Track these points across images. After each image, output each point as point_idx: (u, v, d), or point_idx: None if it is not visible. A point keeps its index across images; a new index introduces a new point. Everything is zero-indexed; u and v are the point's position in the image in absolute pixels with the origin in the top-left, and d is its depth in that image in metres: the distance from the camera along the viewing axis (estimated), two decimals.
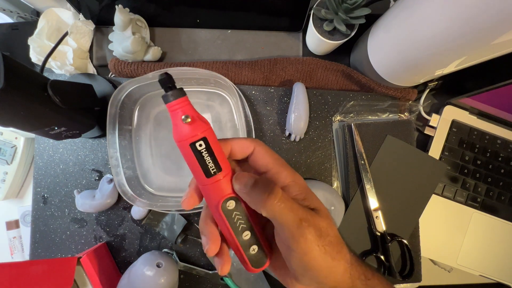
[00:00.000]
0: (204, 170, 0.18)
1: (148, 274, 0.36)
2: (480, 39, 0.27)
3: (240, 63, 0.46)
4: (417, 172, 0.43)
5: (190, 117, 0.17)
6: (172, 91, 0.18)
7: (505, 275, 0.45)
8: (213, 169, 0.18)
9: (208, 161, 0.18)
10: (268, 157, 0.21)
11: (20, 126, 0.31)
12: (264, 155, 0.21)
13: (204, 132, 0.18)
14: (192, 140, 0.17)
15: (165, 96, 0.18)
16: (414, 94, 0.45)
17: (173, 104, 0.18)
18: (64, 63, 0.43)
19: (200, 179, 0.19)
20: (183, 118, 0.17)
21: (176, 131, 0.18)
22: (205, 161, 0.18)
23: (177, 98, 0.18)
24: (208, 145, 0.18)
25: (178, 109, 0.18)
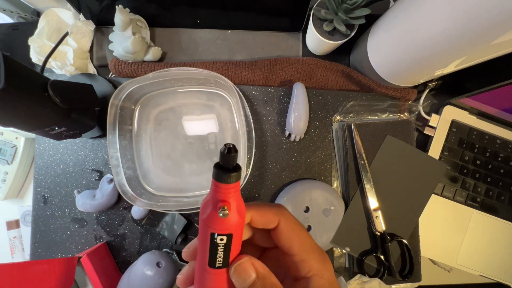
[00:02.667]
0: (210, 260, 0.16)
1: (148, 274, 0.36)
2: (480, 39, 0.27)
3: (240, 63, 0.46)
4: (417, 172, 0.43)
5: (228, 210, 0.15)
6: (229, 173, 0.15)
7: (505, 275, 0.45)
8: (219, 264, 0.17)
9: (219, 255, 0.16)
10: (293, 239, 0.18)
11: (21, 126, 0.31)
12: (290, 235, 0.18)
13: (233, 229, 0.16)
14: (217, 232, 0.16)
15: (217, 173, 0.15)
16: (414, 94, 0.45)
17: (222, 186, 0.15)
18: (64, 63, 0.43)
19: (202, 262, 0.17)
20: (221, 209, 0.15)
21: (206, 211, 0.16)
22: (216, 254, 0.16)
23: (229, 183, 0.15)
24: (229, 242, 0.16)
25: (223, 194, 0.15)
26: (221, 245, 0.16)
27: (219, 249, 0.16)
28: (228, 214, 0.15)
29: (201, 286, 0.17)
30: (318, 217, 0.41)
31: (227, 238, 0.16)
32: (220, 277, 0.17)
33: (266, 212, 0.18)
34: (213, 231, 0.16)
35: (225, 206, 0.15)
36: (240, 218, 0.16)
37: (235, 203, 0.16)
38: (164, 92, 0.44)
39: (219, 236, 0.16)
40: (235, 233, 0.16)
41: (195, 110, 0.44)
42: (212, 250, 0.16)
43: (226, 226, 0.16)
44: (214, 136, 0.44)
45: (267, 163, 0.45)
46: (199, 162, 0.44)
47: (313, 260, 0.18)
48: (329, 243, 0.42)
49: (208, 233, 0.16)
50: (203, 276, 0.17)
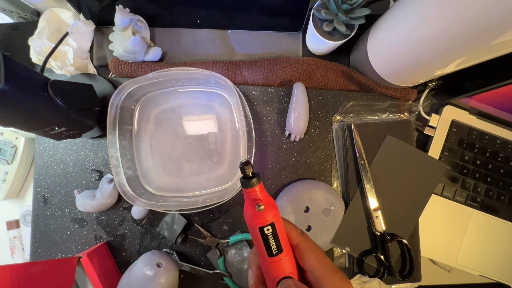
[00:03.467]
0: (268, 251, 0.20)
1: (148, 274, 0.36)
2: (480, 39, 0.27)
3: (240, 63, 0.46)
4: (417, 172, 0.43)
5: (263, 205, 0.20)
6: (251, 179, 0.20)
7: (504, 275, 0.45)
8: (275, 250, 0.20)
9: (272, 244, 0.20)
10: (312, 258, 0.20)
11: (21, 126, 0.31)
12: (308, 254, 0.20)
13: (272, 218, 0.20)
14: (262, 225, 0.20)
15: (244, 182, 0.20)
16: (414, 94, 0.45)
17: (250, 190, 0.20)
18: (64, 63, 0.43)
19: (263, 257, 0.21)
20: (257, 206, 0.20)
21: (248, 213, 0.21)
22: (269, 243, 0.20)
23: (254, 186, 0.20)
24: (274, 230, 0.20)
25: (253, 195, 0.20)
26: (269, 235, 0.20)
27: (270, 238, 0.20)
28: (263, 208, 0.20)
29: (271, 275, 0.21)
30: (318, 217, 0.41)
31: (271, 227, 0.20)
32: (281, 262, 0.20)
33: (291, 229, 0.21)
34: (259, 225, 0.20)
35: (259, 203, 0.20)
36: (274, 208, 0.20)
37: (265, 200, 0.20)
38: (164, 92, 0.44)
39: (265, 227, 0.20)
40: (276, 222, 0.20)
41: (195, 110, 0.44)
42: (265, 242, 0.20)
43: (266, 217, 0.20)
44: (214, 136, 0.44)
45: (267, 163, 0.45)
46: (199, 162, 0.44)
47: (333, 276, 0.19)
48: (329, 243, 0.42)
49: (257, 229, 0.20)
50: (268, 268, 0.21)
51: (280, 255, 0.20)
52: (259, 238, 0.20)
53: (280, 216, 0.21)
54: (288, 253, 0.21)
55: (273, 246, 0.20)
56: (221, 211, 0.44)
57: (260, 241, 0.20)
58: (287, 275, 0.20)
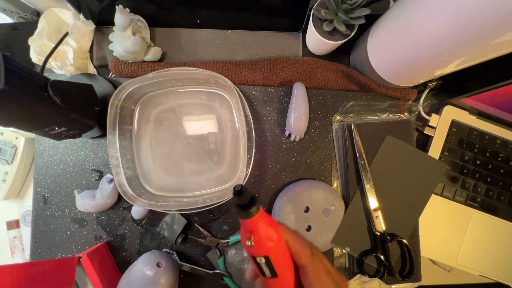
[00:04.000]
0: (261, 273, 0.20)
1: (148, 274, 0.36)
2: (480, 39, 0.27)
3: (240, 63, 0.46)
4: (417, 172, 0.43)
5: (253, 240, 0.18)
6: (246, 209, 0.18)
7: (505, 275, 0.45)
8: (269, 276, 0.19)
9: (265, 270, 0.19)
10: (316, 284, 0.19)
11: (21, 126, 0.31)
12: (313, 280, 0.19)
13: (266, 252, 0.19)
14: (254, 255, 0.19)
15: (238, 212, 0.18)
16: (414, 94, 0.45)
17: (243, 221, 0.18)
18: (64, 63, 0.43)
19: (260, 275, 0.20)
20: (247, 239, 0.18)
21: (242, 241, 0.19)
22: (262, 269, 0.19)
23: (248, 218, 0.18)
24: (268, 261, 0.19)
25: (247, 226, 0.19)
26: (262, 264, 0.19)
27: (263, 267, 0.19)
28: (253, 244, 0.18)
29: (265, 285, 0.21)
30: (318, 217, 0.41)
31: (265, 258, 0.19)
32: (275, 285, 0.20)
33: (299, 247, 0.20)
34: (252, 254, 0.19)
35: (250, 237, 0.18)
36: (270, 242, 0.18)
37: (261, 233, 0.18)
38: (164, 92, 0.44)
39: (258, 257, 0.19)
40: (272, 255, 0.19)
41: (195, 110, 0.44)
42: (259, 267, 0.19)
43: (259, 251, 0.18)
44: (214, 136, 0.44)
45: (267, 163, 0.45)
46: (199, 162, 0.44)
47: None
48: (329, 243, 0.42)
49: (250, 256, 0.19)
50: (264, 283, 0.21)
51: (275, 279, 0.19)
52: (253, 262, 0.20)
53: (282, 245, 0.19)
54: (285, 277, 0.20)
55: (266, 272, 0.19)
56: (221, 211, 0.44)
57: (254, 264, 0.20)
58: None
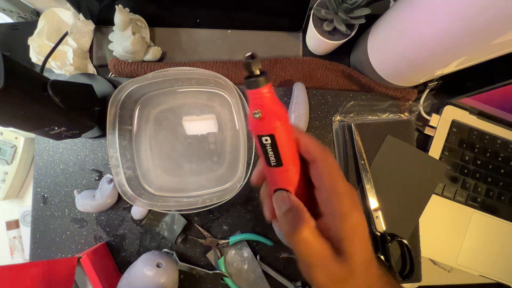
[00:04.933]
0: (266, 160, 0.19)
1: (148, 274, 0.36)
2: (480, 39, 0.27)
3: (240, 63, 0.46)
4: (417, 172, 0.43)
5: (261, 113, 0.17)
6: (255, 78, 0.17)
7: (505, 275, 0.45)
8: (274, 162, 0.18)
9: (270, 155, 0.18)
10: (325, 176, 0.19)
11: (20, 126, 0.31)
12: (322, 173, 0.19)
13: (273, 129, 0.17)
14: (259, 134, 0.18)
15: (247, 82, 0.17)
16: (414, 94, 0.45)
17: (252, 92, 0.17)
18: (64, 63, 0.43)
19: (264, 164, 0.20)
20: (254, 112, 0.17)
21: (248, 118, 0.18)
22: (268, 154, 0.18)
23: (257, 87, 0.17)
24: (274, 142, 0.18)
25: (254, 99, 0.17)
26: (268, 146, 0.18)
27: (268, 150, 0.18)
28: (260, 115, 0.17)
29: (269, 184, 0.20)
30: None
31: (270, 138, 0.18)
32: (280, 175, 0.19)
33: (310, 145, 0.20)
34: (257, 133, 0.18)
35: (258, 109, 0.17)
36: (277, 119, 0.17)
37: (268, 106, 0.17)
38: (164, 92, 0.44)
39: (263, 137, 0.18)
40: (277, 134, 0.18)
41: (195, 110, 0.44)
42: (263, 151, 0.18)
43: (265, 127, 0.17)
44: (214, 136, 0.44)
45: None
46: (199, 162, 0.44)
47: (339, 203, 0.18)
48: None
49: (256, 136, 0.18)
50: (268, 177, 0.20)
51: (280, 168, 0.19)
52: (258, 145, 0.18)
53: (287, 127, 0.18)
54: (291, 168, 0.19)
55: (271, 157, 0.18)
56: (221, 211, 0.44)
57: (259, 149, 0.19)
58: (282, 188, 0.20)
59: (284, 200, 0.19)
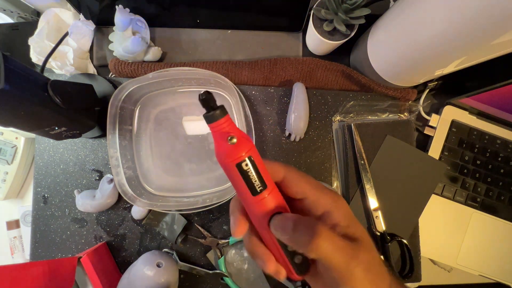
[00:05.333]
0: (251, 189, 0.18)
1: (148, 274, 0.36)
2: (480, 39, 0.27)
3: (240, 63, 0.46)
4: (417, 172, 0.43)
5: (236, 137, 0.17)
6: (214, 111, 0.17)
7: (505, 275, 0.45)
8: (259, 187, 0.18)
9: (254, 180, 0.18)
10: (302, 183, 0.19)
11: (21, 126, 0.31)
12: (298, 181, 0.19)
13: (249, 152, 0.18)
14: (238, 161, 0.17)
15: (207, 116, 0.17)
16: (414, 94, 0.45)
17: (217, 124, 0.17)
18: (64, 63, 0.43)
19: (246, 198, 0.18)
20: (229, 139, 0.17)
21: (220, 151, 0.18)
22: (251, 180, 0.18)
23: (220, 118, 0.17)
24: (253, 164, 0.18)
25: (221, 129, 0.17)
26: (249, 170, 0.18)
27: (251, 174, 0.18)
28: (236, 140, 0.17)
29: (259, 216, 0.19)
30: None
31: (249, 160, 0.17)
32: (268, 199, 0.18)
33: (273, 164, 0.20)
34: (236, 162, 0.17)
35: (231, 135, 0.17)
36: (248, 141, 0.18)
37: (236, 132, 0.18)
38: (164, 92, 0.44)
39: (243, 163, 0.17)
40: (253, 154, 0.18)
41: (195, 110, 0.44)
42: (246, 179, 0.18)
43: (241, 151, 0.17)
44: None
45: None
46: (199, 162, 0.44)
47: (326, 195, 0.19)
48: None
49: (234, 167, 0.17)
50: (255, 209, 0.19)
51: (265, 191, 0.18)
52: (239, 177, 0.18)
53: (255, 149, 0.18)
54: (273, 189, 0.19)
55: (255, 182, 0.18)
56: (221, 211, 0.44)
57: (240, 181, 0.18)
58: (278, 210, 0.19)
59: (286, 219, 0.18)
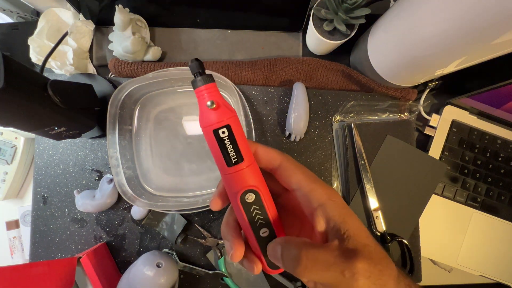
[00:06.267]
0: (226, 159, 0.18)
1: (148, 274, 0.36)
2: (480, 39, 0.27)
3: (240, 63, 0.46)
4: (417, 172, 0.43)
5: (215, 103, 0.17)
6: (201, 76, 0.18)
7: (505, 275, 0.45)
8: (234, 158, 0.18)
9: (229, 149, 0.18)
10: (298, 173, 0.19)
11: (20, 126, 0.31)
12: (294, 171, 0.19)
13: (228, 120, 0.18)
14: (216, 127, 0.17)
15: (194, 81, 0.18)
16: (414, 94, 0.45)
17: (200, 89, 0.18)
18: (64, 63, 0.43)
19: (221, 168, 0.18)
20: (209, 104, 0.17)
21: (201, 116, 0.18)
22: (227, 149, 0.18)
23: (205, 84, 0.18)
24: (231, 133, 0.18)
25: (204, 94, 0.18)
26: (225, 139, 0.18)
27: (227, 143, 0.18)
28: (215, 104, 0.17)
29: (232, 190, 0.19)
30: None
31: (227, 129, 0.18)
32: (242, 172, 0.18)
33: (269, 150, 0.20)
34: (213, 127, 0.17)
35: (210, 100, 0.17)
36: (230, 110, 0.18)
37: (218, 99, 0.18)
38: (164, 92, 0.44)
39: (220, 129, 0.17)
40: (232, 124, 0.18)
41: (195, 110, 0.44)
42: (222, 147, 0.18)
43: (220, 117, 0.17)
44: None
45: None
46: (199, 162, 0.44)
47: (321, 188, 0.18)
48: None
49: (211, 133, 0.18)
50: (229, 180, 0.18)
51: (241, 164, 0.18)
52: (215, 143, 0.18)
53: (238, 121, 0.18)
54: (251, 164, 0.18)
55: (231, 152, 0.18)
56: (221, 211, 0.44)
57: (216, 149, 0.18)
58: (250, 187, 0.18)
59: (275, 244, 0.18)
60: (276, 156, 0.19)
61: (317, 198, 0.18)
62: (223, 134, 0.18)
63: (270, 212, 0.19)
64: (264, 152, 0.19)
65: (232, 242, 0.19)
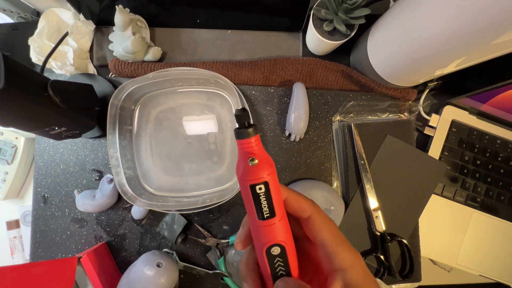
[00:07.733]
0: (258, 213, 0.18)
1: (148, 274, 0.36)
2: (480, 39, 0.27)
3: (240, 63, 0.46)
4: (417, 172, 0.43)
5: (256, 159, 0.17)
6: (246, 129, 0.17)
7: (504, 275, 0.45)
8: (267, 213, 0.18)
9: (263, 205, 0.18)
10: (325, 231, 0.19)
11: (21, 126, 0.31)
12: (322, 227, 0.19)
13: (267, 177, 0.17)
14: (253, 183, 0.17)
15: (239, 132, 0.17)
16: (414, 94, 0.45)
17: (245, 141, 0.17)
18: (64, 63, 0.43)
19: (252, 219, 0.19)
20: (250, 159, 0.17)
21: (239, 166, 0.18)
22: (261, 204, 0.18)
23: (249, 137, 0.17)
24: (267, 190, 0.18)
25: (246, 148, 0.18)
26: (261, 195, 0.18)
27: (262, 199, 0.18)
28: (256, 162, 0.17)
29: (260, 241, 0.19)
30: None
31: (264, 186, 0.17)
32: (273, 227, 0.18)
33: (301, 199, 0.19)
34: (250, 183, 0.17)
35: (252, 156, 0.17)
36: (269, 166, 0.18)
37: (260, 154, 0.18)
38: (164, 92, 0.44)
39: (257, 185, 0.17)
40: (271, 181, 0.18)
41: (195, 110, 0.44)
42: (256, 202, 0.18)
43: (259, 174, 0.17)
44: (214, 136, 0.44)
45: None
46: (199, 162, 0.44)
47: (346, 251, 0.18)
48: None
49: (248, 187, 0.18)
50: (258, 232, 0.19)
51: (273, 219, 0.18)
52: (250, 197, 0.18)
53: (276, 177, 0.18)
54: (282, 219, 0.19)
55: (264, 208, 0.18)
56: (221, 211, 0.44)
57: (250, 201, 0.18)
58: (278, 242, 0.18)
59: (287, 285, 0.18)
60: (306, 208, 0.19)
61: (339, 262, 0.18)
62: (259, 190, 0.17)
63: (292, 266, 0.19)
64: (295, 202, 0.19)
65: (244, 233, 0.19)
